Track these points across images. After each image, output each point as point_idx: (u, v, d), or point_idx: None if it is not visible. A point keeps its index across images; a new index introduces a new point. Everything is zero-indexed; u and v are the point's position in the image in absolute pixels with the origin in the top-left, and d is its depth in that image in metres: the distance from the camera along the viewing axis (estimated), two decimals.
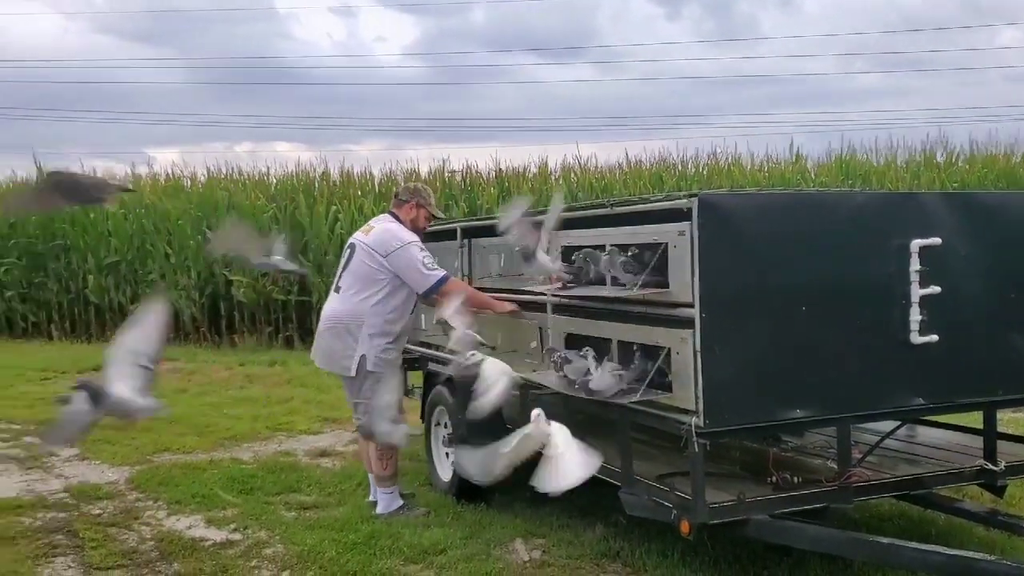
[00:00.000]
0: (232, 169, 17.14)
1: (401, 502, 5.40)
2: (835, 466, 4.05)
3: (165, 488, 6.07)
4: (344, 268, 5.37)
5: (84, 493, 6.03)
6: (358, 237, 5.43)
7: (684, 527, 3.73)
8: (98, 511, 5.64)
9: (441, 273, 5.20)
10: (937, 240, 3.91)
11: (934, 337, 3.91)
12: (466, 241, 5.77)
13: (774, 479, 3.97)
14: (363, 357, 5.14)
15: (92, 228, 15.94)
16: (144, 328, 3.09)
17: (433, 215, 5.59)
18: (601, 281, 4.23)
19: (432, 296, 5.25)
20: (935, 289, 3.90)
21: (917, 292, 3.89)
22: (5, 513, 5.57)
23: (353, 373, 5.18)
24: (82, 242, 15.91)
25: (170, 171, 17.72)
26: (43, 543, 5.03)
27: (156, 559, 4.77)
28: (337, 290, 5.37)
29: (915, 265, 3.88)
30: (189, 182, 17.18)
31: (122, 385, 2.92)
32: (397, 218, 5.46)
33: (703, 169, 16.30)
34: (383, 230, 5.35)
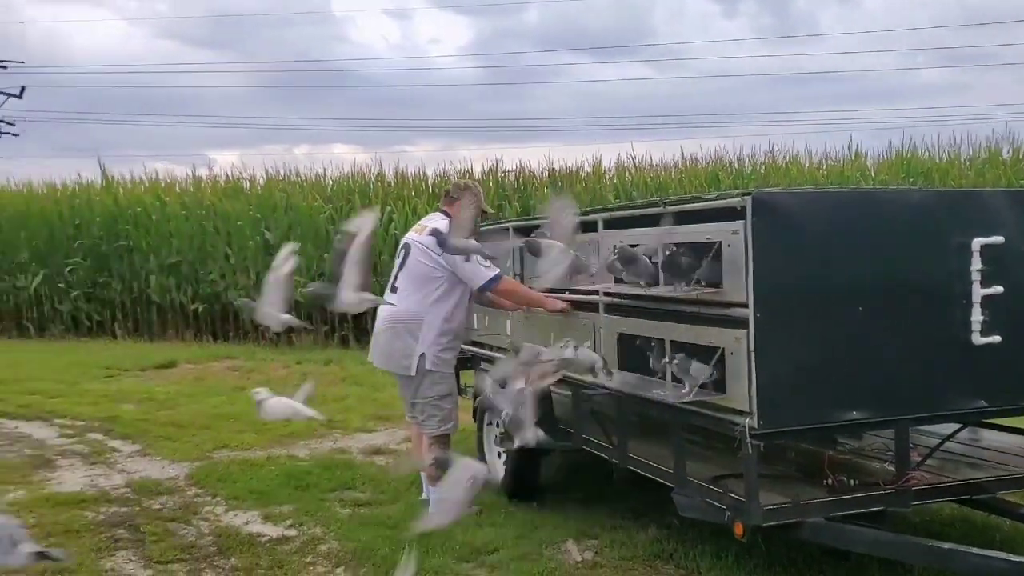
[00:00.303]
0: (290, 171, 17.40)
1: None
2: (893, 469, 3.97)
3: (223, 484, 6.17)
4: (400, 268, 5.37)
5: (145, 488, 6.16)
6: (412, 236, 5.43)
7: (738, 529, 3.69)
8: (158, 506, 5.76)
9: (496, 271, 5.20)
10: (999, 239, 3.82)
11: (996, 338, 3.82)
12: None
13: (830, 481, 3.91)
14: (422, 356, 5.17)
15: (155, 229, 16.29)
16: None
17: (484, 211, 5.59)
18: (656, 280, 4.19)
19: (486, 293, 5.28)
20: (997, 289, 3.81)
21: (979, 292, 3.80)
22: (70, 507, 5.71)
23: (413, 372, 5.20)
24: (145, 243, 16.26)
25: (230, 173, 18.01)
26: (106, 537, 5.15)
27: (214, 554, 4.86)
28: (394, 290, 5.34)
29: (976, 264, 3.80)
30: (248, 184, 17.45)
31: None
32: (449, 215, 5.40)
33: (760, 167, 16.11)
34: (437, 228, 5.35)
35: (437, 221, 5.39)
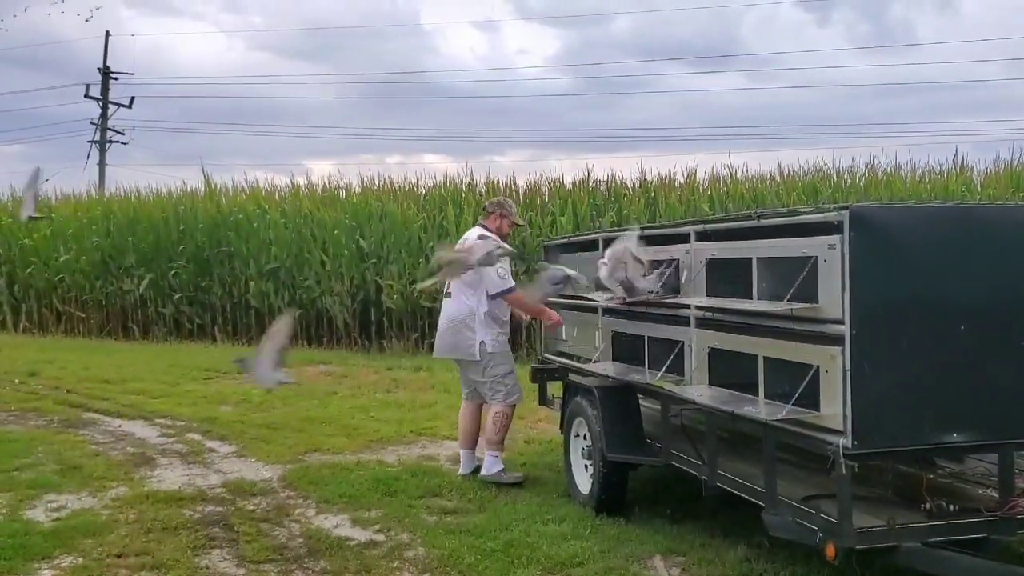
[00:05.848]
0: (384, 180, 17.63)
1: (502, 466, 6.29)
2: (996, 495, 3.82)
3: (315, 487, 6.29)
4: None
5: (240, 489, 6.32)
6: (457, 248, 6.45)
7: (829, 551, 3.61)
8: (252, 507, 5.90)
9: (510, 284, 6.18)
10: None
11: None
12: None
13: (928, 505, 3.79)
14: (482, 343, 6.25)
15: (255, 236, 16.71)
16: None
17: (515, 223, 6.62)
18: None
19: (496, 299, 6.20)
20: None
21: None
22: (168, 504, 5.89)
23: (478, 357, 6.28)
24: (245, 249, 16.70)
25: (327, 182, 18.34)
26: (202, 535, 5.30)
27: (304, 555, 4.95)
28: (448, 295, 6.45)
29: None
30: (344, 193, 17.76)
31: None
32: (487, 228, 6.44)
33: (860, 180, 15.67)
34: (471, 244, 6.28)
35: (474, 235, 6.42)
